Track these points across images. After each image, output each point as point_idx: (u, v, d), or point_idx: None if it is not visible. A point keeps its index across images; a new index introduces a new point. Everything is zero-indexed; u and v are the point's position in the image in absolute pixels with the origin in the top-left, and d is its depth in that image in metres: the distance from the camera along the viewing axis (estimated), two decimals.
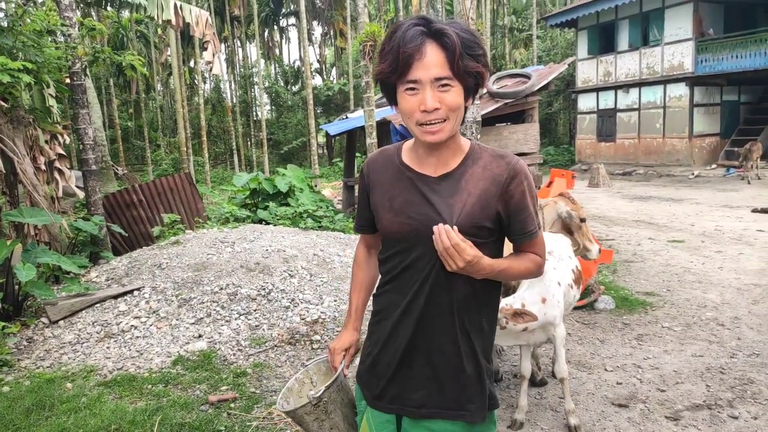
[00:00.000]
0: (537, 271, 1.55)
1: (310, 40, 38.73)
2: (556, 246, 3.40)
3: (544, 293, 3.06)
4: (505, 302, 3.00)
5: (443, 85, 1.33)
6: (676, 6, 18.93)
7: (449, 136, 1.40)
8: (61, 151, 7.10)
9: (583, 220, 3.92)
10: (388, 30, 1.41)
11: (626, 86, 20.99)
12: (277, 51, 41.99)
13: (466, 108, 1.42)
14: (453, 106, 1.35)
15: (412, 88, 1.34)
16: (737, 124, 19.69)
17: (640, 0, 19.28)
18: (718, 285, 5.95)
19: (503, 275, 1.46)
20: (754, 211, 10.54)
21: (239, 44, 36.55)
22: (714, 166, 18.59)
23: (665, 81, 19.59)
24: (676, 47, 19.09)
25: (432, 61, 1.32)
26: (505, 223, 1.47)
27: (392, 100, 1.43)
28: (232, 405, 3.51)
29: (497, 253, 1.52)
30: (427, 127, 1.36)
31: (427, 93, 1.33)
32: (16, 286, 5.05)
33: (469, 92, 1.38)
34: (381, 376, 1.54)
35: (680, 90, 19.26)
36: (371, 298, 1.70)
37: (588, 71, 22.69)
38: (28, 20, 6.08)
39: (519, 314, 2.88)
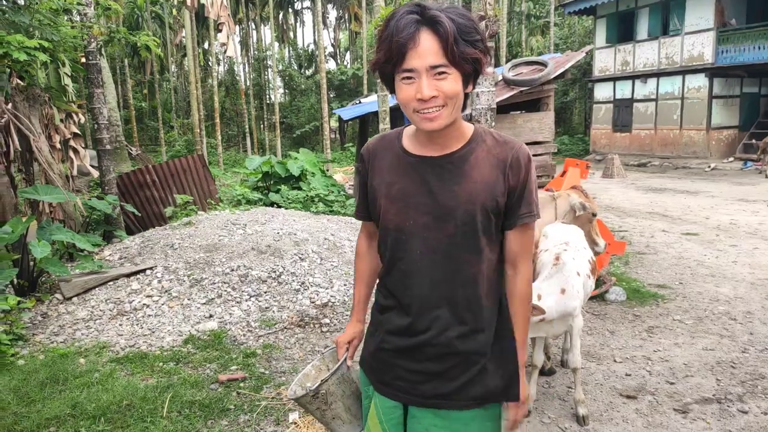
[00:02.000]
0: (529, 294, 1.55)
1: (324, 23, 38.48)
2: (572, 237, 3.37)
3: (564, 284, 3.02)
4: None
5: (440, 73, 1.31)
6: None
7: (448, 123, 1.37)
8: (76, 130, 7.15)
9: (594, 215, 3.94)
10: (384, 19, 1.38)
11: (644, 76, 20.67)
12: (291, 34, 41.80)
13: (466, 95, 1.40)
14: (450, 93, 1.33)
15: (409, 77, 1.32)
16: (757, 117, 19.35)
17: None
18: (732, 279, 5.89)
19: (526, 335, 1.55)
20: None
21: (254, 26, 36.41)
22: (731, 159, 18.32)
23: (684, 71, 19.25)
24: (697, 37, 18.73)
25: (426, 49, 1.29)
26: (506, 206, 1.44)
27: (391, 90, 1.41)
28: (242, 385, 3.55)
29: (498, 243, 1.49)
30: (425, 114, 1.34)
31: (423, 81, 1.30)
32: (31, 263, 5.12)
33: (467, 78, 1.36)
34: (387, 364, 1.53)
35: (699, 81, 18.92)
36: (375, 287, 1.68)
37: (605, 60, 22.35)
38: None
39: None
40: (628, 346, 4.24)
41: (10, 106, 5.96)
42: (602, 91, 22.78)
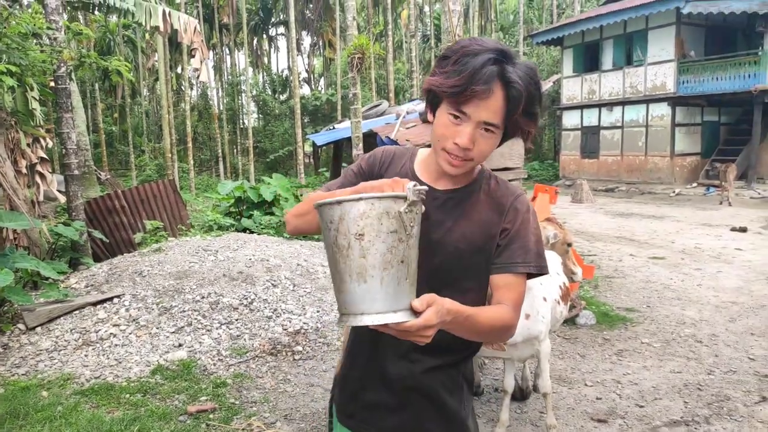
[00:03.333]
0: (506, 331, 1.35)
1: (298, 49, 38.80)
2: None
3: (528, 309, 3.05)
4: None
5: (487, 129, 1.29)
6: (658, 28, 19.34)
7: (465, 172, 1.39)
8: (43, 155, 7.02)
9: (569, 245, 4.04)
10: (462, 43, 1.30)
11: (610, 104, 21.33)
12: (265, 59, 42.00)
13: None
14: (485, 152, 1.33)
15: (458, 117, 1.28)
16: (717, 144, 20.09)
17: (624, 21, 19.67)
18: (697, 302, 6.04)
19: (468, 324, 1.24)
20: (733, 229, 10.73)
21: (227, 52, 36.50)
22: (695, 184, 18.92)
23: (648, 100, 19.95)
24: (659, 68, 19.47)
25: (491, 106, 1.26)
26: (498, 249, 1.40)
27: (431, 107, 1.36)
28: (211, 416, 3.47)
29: (486, 287, 1.45)
30: (452, 158, 1.32)
31: (468, 130, 1.28)
32: None
33: (505, 139, 1.35)
34: (353, 396, 1.50)
35: (662, 109, 19.62)
36: None
37: (573, 89, 23.02)
38: (13, 22, 6.03)
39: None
40: (599, 370, 4.30)
41: None
42: (570, 119, 23.40)
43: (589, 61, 22.24)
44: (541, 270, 1.40)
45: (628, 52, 20.70)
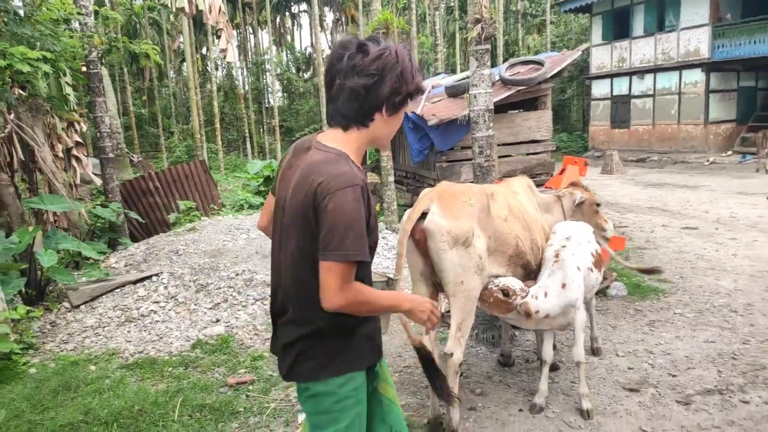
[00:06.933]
0: None
1: (321, 26, 38.51)
2: (575, 231, 3.46)
3: (564, 279, 3.16)
4: (532, 291, 3.11)
5: None
6: None
7: None
8: (79, 139, 7.22)
9: (598, 205, 4.08)
10: (406, 49, 1.65)
11: (641, 72, 20.70)
12: (288, 38, 41.85)
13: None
14: None
15: None
16: (754, 110, 19.38)
17: None
18: (732, 272, 5.94)
19: None
20: None
21: (251, 31, 36.47)
22: (730, 152, 18.37)
23: (681, 67, 19.30)
24: (693, 33, 18.78)
25: None
26: None
27: (398, 108, 1.69)
28: (250, 387, 3.61)
29: None
30: None
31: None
32: (39, 272, 5.17)
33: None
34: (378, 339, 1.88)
35: (696, 76, 18.97)
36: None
37: (602, 57, 22.40)
38: (45, 9, 6.16)
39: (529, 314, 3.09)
40: (630, 341, 4.29)
41: (12, 116, 6.02)
42: (600, 88, 22.82)
43: (618, 28, 21.55)
44: None
45: (660, 17, 19.98)
